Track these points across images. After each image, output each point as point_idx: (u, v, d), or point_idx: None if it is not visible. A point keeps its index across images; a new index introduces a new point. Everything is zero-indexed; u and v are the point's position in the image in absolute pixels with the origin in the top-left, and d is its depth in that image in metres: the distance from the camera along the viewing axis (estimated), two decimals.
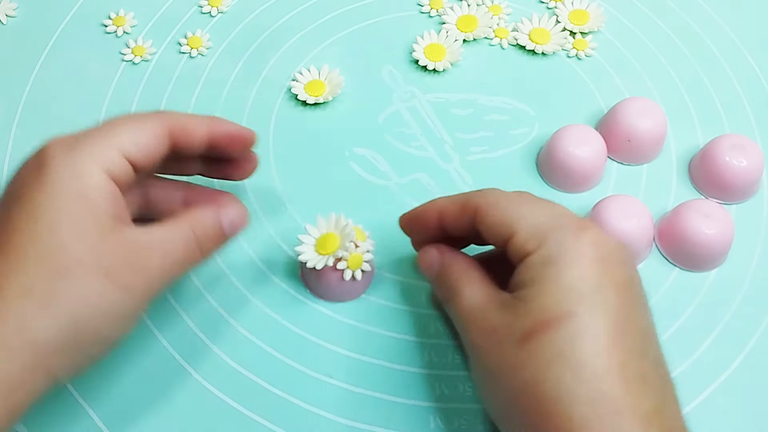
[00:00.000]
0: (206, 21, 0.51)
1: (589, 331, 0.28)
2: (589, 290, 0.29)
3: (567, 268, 0.29)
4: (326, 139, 0.46)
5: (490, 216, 0.32)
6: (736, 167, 0.42)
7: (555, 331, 0.28)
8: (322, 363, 0.38)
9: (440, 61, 0.48)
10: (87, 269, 0.29)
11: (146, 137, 0.32)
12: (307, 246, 0.37)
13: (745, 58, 0.50)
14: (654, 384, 0.28)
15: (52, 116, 0.47)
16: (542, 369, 0.28)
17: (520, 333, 0.29)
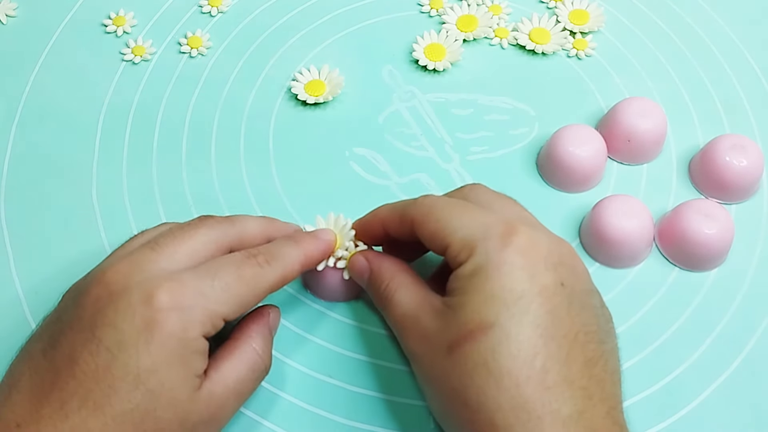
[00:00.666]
0: (206, 21, 0.51)
1: (510, 339, 0.28)
2: (512, 299, 0.29)
3: (490, 278, 0.30)
4: (326, 139, 0.46)
5: (425, 228, 0.33)
6: (736, 167, 0.42)
7: (478, 342, 0.29)
8: (322, 363, 0.38)
9: (440, 61, 0.48)
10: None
11: (244, 300, 0.32)
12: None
13: (745, 58, 0.50)
14: (581, 386, 0.29)
15: (52, 116, 0.47)
16: (467, 377, 0.29)
17: (448, 341, 0.30)
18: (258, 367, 0.33)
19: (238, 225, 0.34)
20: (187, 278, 0.31)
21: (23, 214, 0.43)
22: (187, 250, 0.32)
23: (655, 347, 0.39)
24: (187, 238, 0.32)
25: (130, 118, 0.47)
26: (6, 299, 0.40)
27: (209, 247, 0.33)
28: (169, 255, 0.32)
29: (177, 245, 0.32)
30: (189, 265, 0.32)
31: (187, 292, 0.30)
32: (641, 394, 0.38)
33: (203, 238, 0.33)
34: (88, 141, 0.46)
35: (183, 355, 0.30)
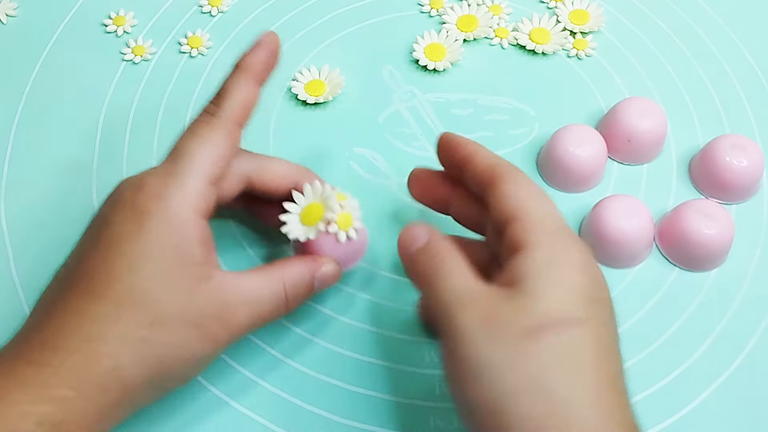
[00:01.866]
0: (206, 21, 0.51)
1: (600, 340, 0.29)
2: (593, 301, 0.29)
3: (572, 274, 0.29)
4: (326, 139, 0.46)
5: (504, 188, 0.32)
6: (736, 167, 0.42)
7: (567, 334, 0.28)
8: (323, 363, 0.38)
9: (440, 61, 0.48)
10: (177, 322, 0.31)
11: (222, 150, 0.33)
12: (292, 222, 0.36)
13: (745, 58, 0.50)
14: (626, 397, 0.30)
15: (52, 116, 0.47)
16: (552, 367, 0.27)
17: (525, 327, 0.28)
18: (278, 302, 0.34)
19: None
20: (169, 165, 0.33)
21: (23, 214, 0.43)
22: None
23: (655, 347, 0.39)
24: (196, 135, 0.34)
25: (130, 118, 0.47)
26: (6, 299, 0.40)
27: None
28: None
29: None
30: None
31: (168, 179, 0.32)
32: (641, 394, 0.38)
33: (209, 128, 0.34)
34: (88, 141, 0.46)
35: (176, 243, 0.31)
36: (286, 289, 0.34)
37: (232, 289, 0.32)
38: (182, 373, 0.32)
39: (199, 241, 0.32)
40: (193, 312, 0.31)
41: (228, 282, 0.32)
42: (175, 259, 0.31)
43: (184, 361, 0.31)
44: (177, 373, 0.32)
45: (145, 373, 0.30)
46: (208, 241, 0.32)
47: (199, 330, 0.31)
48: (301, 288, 0.34)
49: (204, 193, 0.32)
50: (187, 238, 0.31)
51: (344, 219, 0.36)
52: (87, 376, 0.29)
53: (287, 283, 0.34)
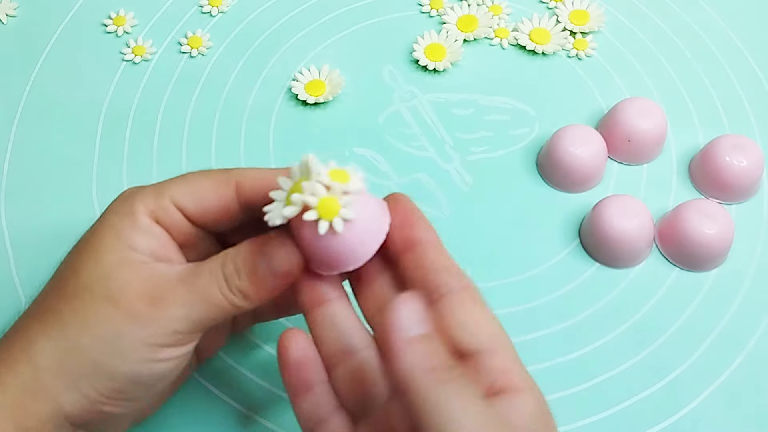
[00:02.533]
0: (206, 21, 0.51)
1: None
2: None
3: (554, 423, 0.28)
4: (326, 139, 0.46)
5: (475, 310, 0.28)
6: (736, 167, 0.42)
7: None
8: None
9: (440, 61, 0.48)
10: (93, 295, 0.28)
11: (203, 188, 0.31)
12: (277, 203, 0.29)
13: (745, 58, 0.50)
14: None
15: (52, 116, 0.47)
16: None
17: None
18: (218, 285, 0.29)
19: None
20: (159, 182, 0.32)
21: (23, 214, 0.43)
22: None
23: (655, 347, 0.39)
24: (197, 172, 0.32)
25: (130, 118, 0.47)
26: (6, 299, 0.40)
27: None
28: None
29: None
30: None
31: (144, 187, 0.31)
32: (641, 394, 0.38)
33: (212, 171, 0.32)
34: (88, 141, 0.46)
35: (118, 230, 0.30)
36: (224, 263, 0.29)
37: (167, 271, 0.29)
38: (106, 364, 0.28)
39: (142, 232, 0.29)
40: (115, 286, 0.28)
41: (173, 266, 0.30)
42: (110, 239, 0.29)
43: (104, 345, 0.28)
44: (99, 363, 0.28)
45: (56, 355, 0.28)
46: (159, 239, 0.30)
47: (116, 305, 0.28)
48: (240, 263, 0.29)
49: (164, 206, 0.30)
50: (127, 226, 0.30)
51: (326, 205, 0.27)
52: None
53: (227, 257, 0.29)
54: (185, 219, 0.31)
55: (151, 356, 0.28)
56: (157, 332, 0.28)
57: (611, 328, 0.40)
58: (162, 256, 0.30)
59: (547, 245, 0.42)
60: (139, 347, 0.28)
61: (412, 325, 0.26)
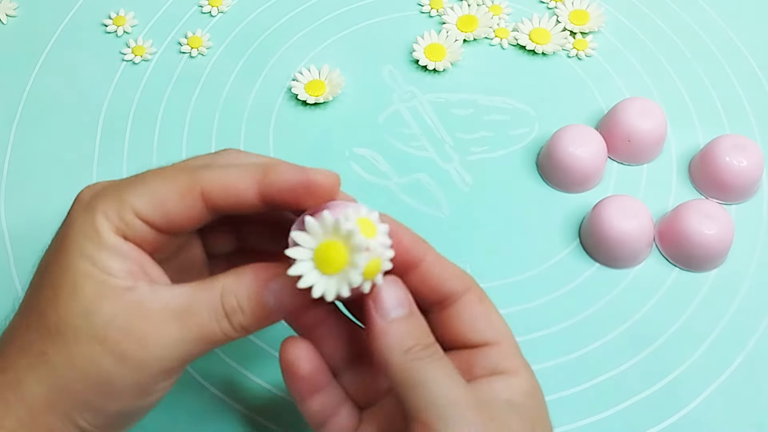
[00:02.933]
0: (206, 21, 0.51)
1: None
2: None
3: (545, 406, 0.30)
4: (326, 139, 0.46)
5: (480, 309, 0.30)
6: (736, 167, 0.42)
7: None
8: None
9: (440, 61, 0.48)
10: (77, 333, 0.27)
11: (166, 196, 0.28)
12: (303, 263, 0.27)
13: (745, 58, 0.50)
14: None
15: (52, 116, 0.47)
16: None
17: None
18: (216, 317, 0.27)
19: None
20: (111, 183, 0.29)
21: (23, 214, 0.43)
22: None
23: (655, 347, 0.39)
24: (153, 172, 0.30)
25: (130, 118, 0.47)
26: (6, 299, 0.40)
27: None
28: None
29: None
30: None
31: (99, 193, 0.29)
32: (641, 394, 0.38)
33: (171, 170, 0.30)
34: (88, 141, 0.46)
35: (88, 253, 0.27)
36: (224, 302, 0.27)
37: (156, 301, 0.27)
38: (99, 403, 0.27)
39: (115, 253, 0.27)
40: (99, 324, 0.26)
41: (156, 293, 0.27)
42: (85, 266, 0.27)
43: (93, 384, 0.27)
44: (91, 402, 0.27)
45: (46, 393, 0.27)
46: (132, 257, 0.28)
47: (103, 345, 0.26)
48: (246, 303, 0.28)
49: (127, 220, 0.28)
50: (99, 248, 0.27)
51: (372, 266, 0.27)
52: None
53: (227, 294, 0.28)
54: (152, 229, 0.28)
55: (142, 393, 0.28)
56: (148, 372, 0.27)
57: (611, 328, 0.40)
58: (141, 275, 0.28)
59: (547, 245, 0.42)
60: (130, 387, 0.27)
61: (391, 308, 0.28)
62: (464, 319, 0.30)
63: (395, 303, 0.28)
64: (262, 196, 0.28)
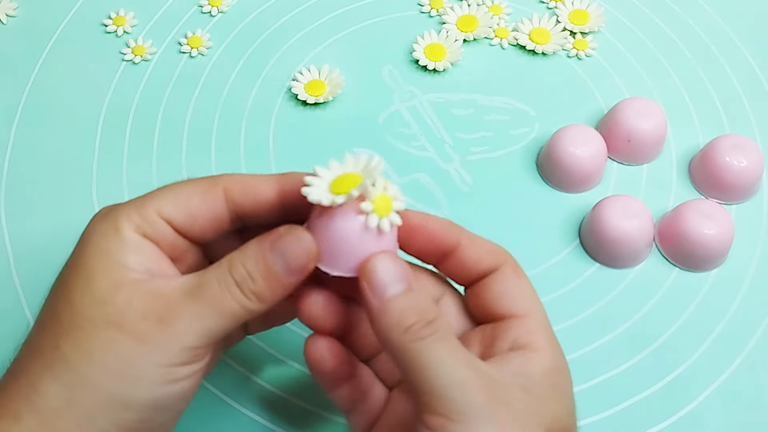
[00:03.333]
0: (206, 21, 0.51)
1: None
2: (574, 411, 0.29)
3: (570, 387, 0.29)
4: (326, 139, 0.46)
5: (511, 283, 0.30)
6: (736, 167, 0.42)
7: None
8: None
9: (440, 61, 0.48)
10: (93, 322, 0.26)
11: (189, 196, 0.29)
12: (319, 183, 0.28)
13: (745, 58, 0.50)
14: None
15: (52, 116, 0.47)
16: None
17: (535, 427, 0.27)
18: (228, 289, 0.27)
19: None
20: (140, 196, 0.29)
21: (23, 214, 0.43)
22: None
23: (655, 347, 0.39)
24: (182, 181, 0.30)
25: (130, 118, 0.47)
26: (6, 299, 0.40)
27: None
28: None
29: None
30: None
31: (126, 201, 0.29)
32: (641, 394, 0.38)
33: (198, 179, 0.30)
34: (88, 141, 0.46)
35: (104, 249, 0.27)
36: (232, 270, 0.27)
37: (172, 284, 0.27)
38: (119, 394, 0.26)
39: (132, 250, 0.27)
40: (114, 310, 0.26)
41: (173, 280, 0.27)
42: (100, 263, 0.27)
43: (114, 373, 0.26)
44: (114, 394, 0.26)
45: (62, 394, 0.26)
46: (150, 254, 0.28)
47: (121, 329, 0.26)
48: (251, 266, 0.27)
49: (150, 219, 0.28)
50: (117, 245, 0.27)
51: (384, 202, 0.27)
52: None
53: (232, 262, 0.27)
54: (173, 230, 0.29)
55: (167, 377, 0.26)
56: (170, 351, 0.26)
57: (611, 328, 0.40)
58: (157, 272, 0.28)
59: (547, 245, 0.42)
60: (154, 369, 0.26)
61: (388, 284, 0.27)
62: (495, 291, 0.30)
63: (392, 279, 0.27)
64: (281, 196, 0.29)
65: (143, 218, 0.28)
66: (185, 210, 0.29)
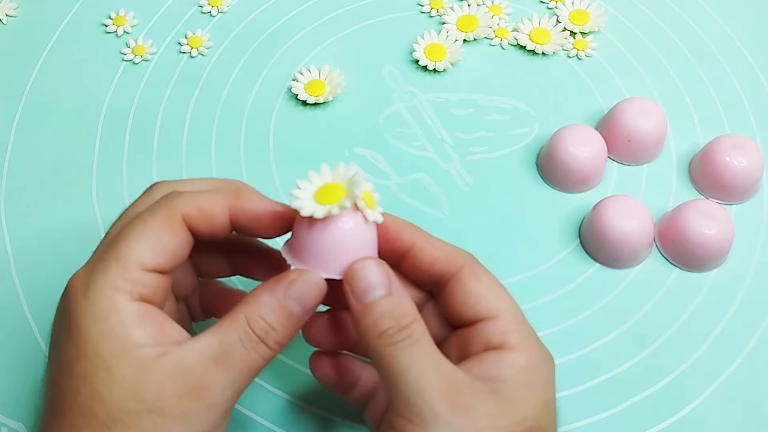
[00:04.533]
0: (206, 21, 0.51)
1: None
2: (553, 411, 0.30)
3: (544, 382, 0.29)
4: (326, 139, 0.46)
5: (470, 284, 0.30)
6: (736, 167, 0.42)
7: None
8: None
9: (440, 61, 0.48)
10: (134, 415, 0.26)
11: (160, 238, 0.28)
12: (304, 195, 0.29)
13: (745, 58, 0.50)
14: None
15: (52, 116, 0.47)
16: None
17: (502, 429, 0.28)
18: (251, 345, 0.28)
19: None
20: (98, 253, 0.29)
21: (23, 214, 0.43)
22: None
23: (655, 347, 0.39)
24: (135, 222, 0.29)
25: (130, 118, 0.47)
26: (6, 299, 0.40)
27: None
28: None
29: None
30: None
31: (95, 266, 0.28)
32: (641, 394, 0.38)
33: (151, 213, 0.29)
34: (88, 141, 0.46)
35: (108, 332, 0.27)
36: (254, 328, 0.28)
37: (192, 356, 0.27)
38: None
39: (134, 323, 0.27)
40: (150, 397, 0.26)
41: (188, 350, 0.27)
42: (112, 349, 0.27)
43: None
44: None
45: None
46: (151, 319, 0.28)
47: (163, 414, 0.26)
48: (271, 317, 0.28)
49: (137, 278, 0.28)
50: (118, 324, 0.27)
51: (369, 199, 0.30)
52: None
53: (252, 320, 0.28)
54: (160, 277, 0.28)
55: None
56: (211, 420, 0.27)
57: (611, 328, 0.40)
58: (163, 337, 0.28)
59: (547, 245, 0.42)
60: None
61: (369, 289, 0.28)
62: (458, 297, 0.30)
63: (374, 284, 0.28)
64: (233, 216, 0.30)
65: (132, 282, 0.28)
66: (162, 252, 0.28)
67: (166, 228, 0.28)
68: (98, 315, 0.27)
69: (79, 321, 0.27)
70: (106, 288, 0.27)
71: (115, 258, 0.28)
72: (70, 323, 0.27)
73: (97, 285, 0.27)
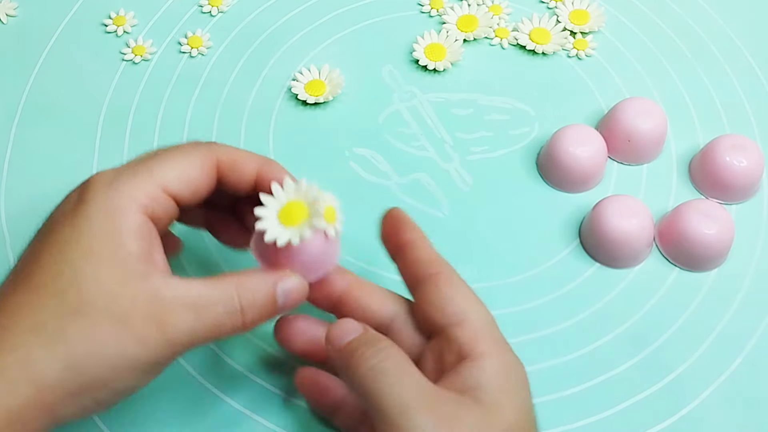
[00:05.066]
0: (206, 21, 0.51)
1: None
2: (531, 413, 0.30)
3: (523, 389, 0.30)
4: (326, 139, 0.46)
5: (448, 291, 0.32)
6: (736, 167, 0.42)
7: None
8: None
9: (440, 61, 0.48)
10: (99, 313, 0.28)
11: (192, 170, 0.31)
12: (270, 221, 0.31)
13: (745, 58, 0.50)
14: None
15: (52, 116, 0.47)
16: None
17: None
18: (231, 311, 0.29)
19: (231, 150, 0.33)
20: (130, 162, 0.31)
21: (23, 214, 0.43)
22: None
23: (655, 347, 0.39)
24: (173, 148, 0.32)
25: (130, 118, 0.47)
26: None
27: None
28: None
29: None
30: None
31: (122, 171, 0.30)
32: (641, 394, 0.38)
33: (191, 146, 0.32)
34: (88, 141, 0.46)
35: (112, 231, 0.28)
36: (240, 297, 0.30)
37: (171, 290, 0.29)
38: (110, 382, 0.28)
39: (136, 234, 0.29)
40: (121, 307, 0.28)
41: (169, 283, 0.29)
42: (108, 248, 0.28)
43: (109, 363, 0.28)
44: (102, 379, 0.28)
45: (60, 373, 0.27)
46: (148, 238, 0.29)
47: (125, 327, 0.28)
48: (260, 299, 0.30)
49: (156, 196, 0.30)
50: (125, 229, 0.29)
51: (330, 212, 0.32)
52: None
53: (242, 291, 0.30)
54: (175, 205, 0.30)
55: (152, 371, 0.29)
56: (162, 354, 0.29)
57: (611, 328, 0.40)
58: (150, 259, 0.29)
59: (547, 245, 0.42)
60: (143, 367, 0.29)
61: (345, 333, 0.30)
62: (431, 297, 0.32)
63: (350, 329, 0.31)
64: (258, 177, 0.32)
65: (150, 198, 0.29)
66: (187, 184, 0.31)
67: (199, 165, 0.31)
68: (108, 211, 0.29)
69: (89, 210, 0.29)
70: (127, 192, 0.29)
71: (147, 170, 0.30)
72: (78, 209, 0.29)
73: (120, 186, 0.29)
